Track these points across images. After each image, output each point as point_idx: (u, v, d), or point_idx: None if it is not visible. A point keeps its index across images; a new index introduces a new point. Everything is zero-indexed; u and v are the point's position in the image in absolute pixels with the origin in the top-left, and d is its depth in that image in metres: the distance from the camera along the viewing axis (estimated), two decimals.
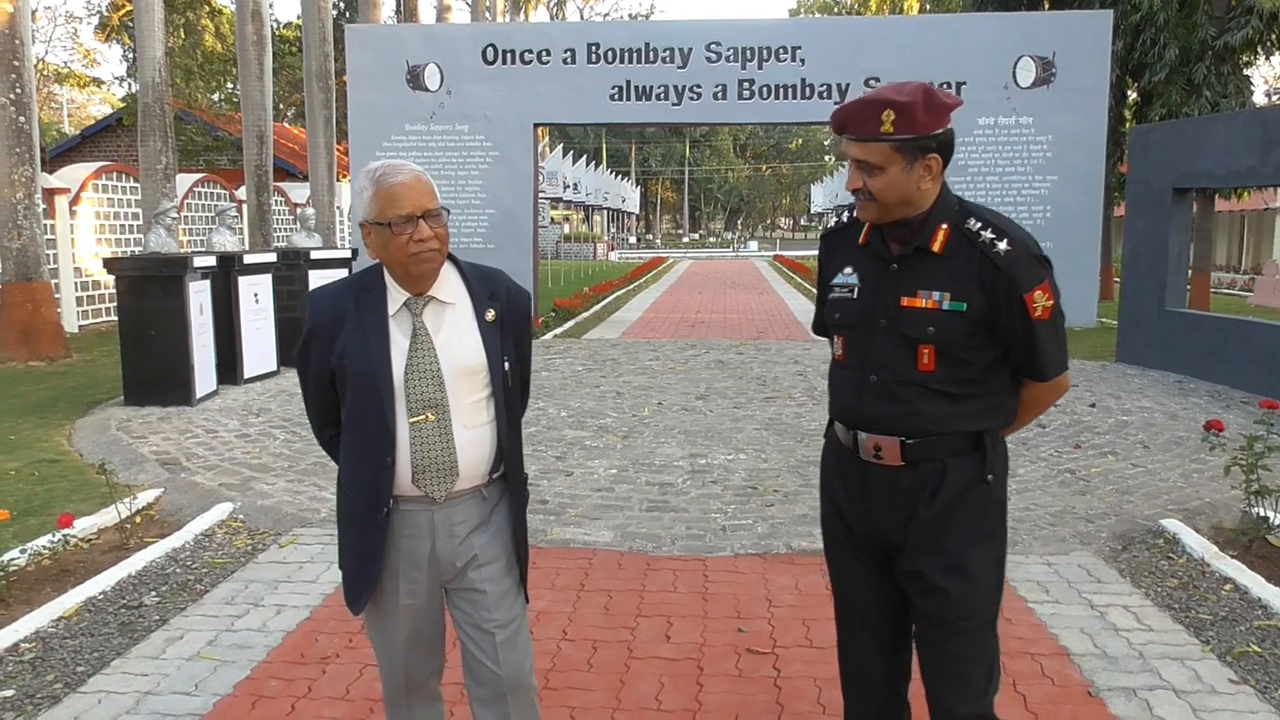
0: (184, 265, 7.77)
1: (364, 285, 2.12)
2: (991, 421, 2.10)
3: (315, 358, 2.13)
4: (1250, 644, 3.54)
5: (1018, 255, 1.99)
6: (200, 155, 25.05)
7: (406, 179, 2.02)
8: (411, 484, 2.08)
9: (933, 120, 1.98)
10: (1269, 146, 8.40)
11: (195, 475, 5.77)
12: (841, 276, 2.21)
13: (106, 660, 3.43)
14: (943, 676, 2.12)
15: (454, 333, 2.10)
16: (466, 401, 2.10)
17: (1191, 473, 5.86)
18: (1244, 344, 8.81)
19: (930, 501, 2.07)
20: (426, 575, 2.14)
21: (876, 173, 2.01)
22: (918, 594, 2.12)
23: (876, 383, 2.10)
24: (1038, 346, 2.04)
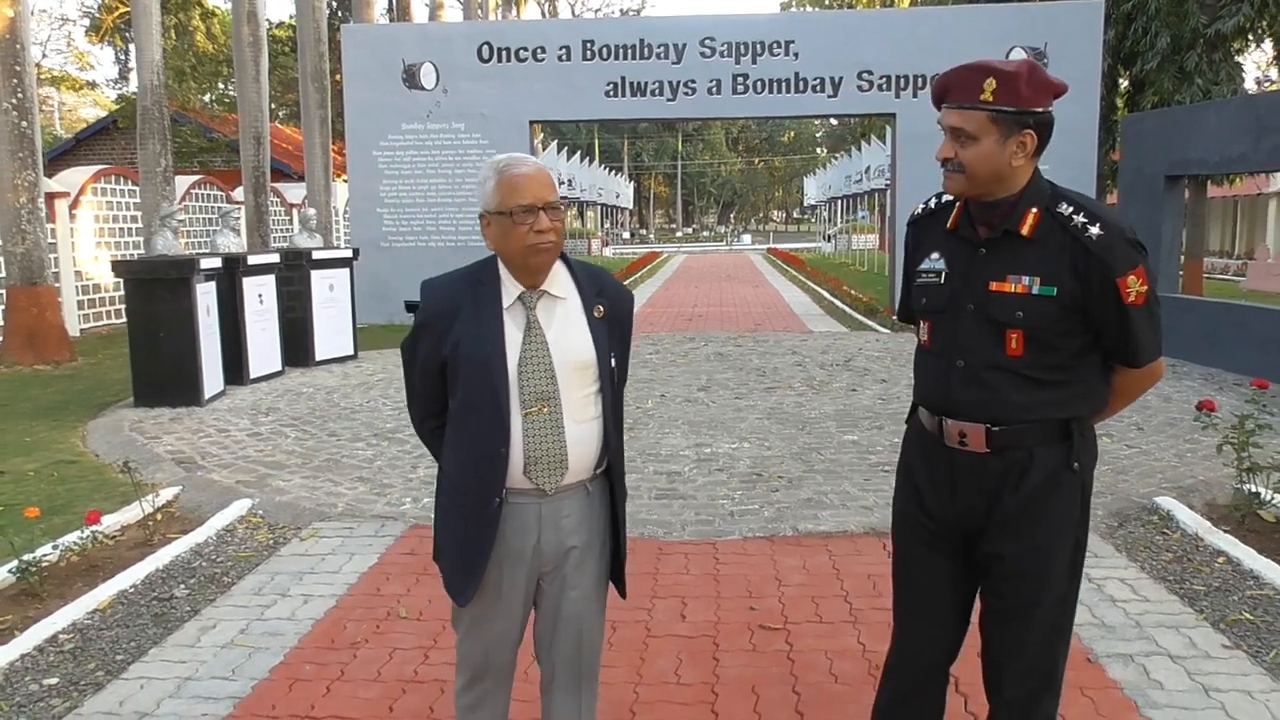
0: (191, 267, 7.88)
1: (479, 278, 2.14)
2: (1080, 409, 2.08)
3: (426, 347, 2.14)
4: (1243, 612, 3.69)
5: (1111, 240, 1.97)
6: (195, 157, 25.09)
7: (530, 170, 2.06)
8: (523, 476, 2.10)
9: (1035, 95, 1.96)
10: (1260, 133, 8.55)
11: (211, 473, 5.89)
12: (929, 262, 2.19)
13: (144, 649, 3.56)
14: (1010, 666, 2.15)
15: (565, 327, 2.13)
16: (577, 396, 2.12)
17: (1185, 452, 6.02)
18: (1236, 327, 8.97)
19: (1016, 489, 2.06)
20: (528, 568, 2.17)
21: (970, 142, 1.99)
22: (995, 576, 2.13)
23: (964, 368, 2.09)
24: (1132, 332, 2.00)
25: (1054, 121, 2.02)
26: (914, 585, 2.27)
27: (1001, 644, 2.16)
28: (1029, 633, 2.12)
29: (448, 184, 14.21)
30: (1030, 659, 2.14)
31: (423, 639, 3.59)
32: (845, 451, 6.25)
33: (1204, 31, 14.54)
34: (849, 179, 30.73)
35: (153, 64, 13.32)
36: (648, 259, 34.31)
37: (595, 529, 2.22)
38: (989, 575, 2.15)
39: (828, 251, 41.67)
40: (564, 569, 2.18)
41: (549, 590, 2.21)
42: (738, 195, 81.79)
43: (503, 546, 2.13)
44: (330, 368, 9.95)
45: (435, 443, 2.26)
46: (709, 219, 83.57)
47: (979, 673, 2.29)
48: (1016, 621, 2.12)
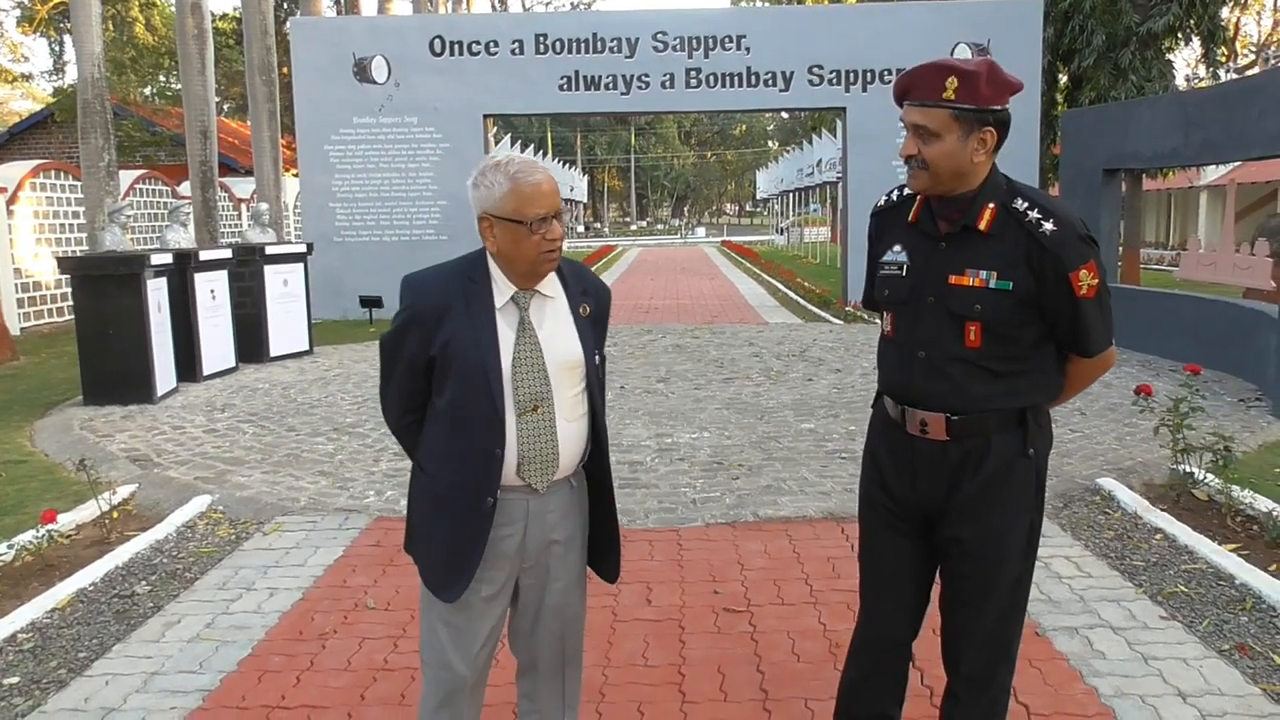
0: (141, 263, 7.77)
1: (468, 275, 2.11)
2: (1036, 398, 2.15)
3: (413, 343, 2.09)
4: (1179, 585, 3.88)
5: (1064, 235, 2.03)
6: (138, 151, 24.53)
7: (544, 179, 2.04)
8: (516, 475, 2.10)
9: (994, 94, 2.02)
10: (1189, 128, 8.86)
11: (168, 470, 5.84)
12: (891, 254, 2.24)
13: (107, 646, 3.55)
14: (967, 643, 2.23)
15: (556, 327, 2.14)
16: (568, 395, 2.13)
17: (1125, 435, 6.25)
18: (1171, 316, 9.29)
19: (974, 475, 2.13)
20: (512, 564, 2.16)
21: (933, 140, 2.04)
22: (954, 558, 2.21)
23: (925, 359, 2.15)
24: (1084, 323, 2.08)
25: (1011, 119, 2.08)
26: (879, 567, 2.34)
27: (960, 622, 2.24)
28: (986, 612, 2.20)
29: (401, 178, 14.12)
30: (987, 636, 2.22)
31: (391, 628, 3.62)
32: (803, 439, 6.38)
33: (1137, 30, 14.97)
34: (801, 172, 31.03)
35: (93, 56, 13.05)
36: (603, 253, 34.32)
37: (577, 521, 2.24)
38: (948, 558, 2.23)
39: (781, 244, 42.05)
40: (546, 561, 2.19)
41: (529, 583, 2.21)
42: (691, 189, 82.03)
43: (490, 544, 2.12)
44: (286, 363, 9.87)
45: (412, 438, 2.22)
46: (663, 212, 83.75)
47: (934, 647, 2.41)
48: (974, 601, 2.20)
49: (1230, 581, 3.89)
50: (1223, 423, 6.39)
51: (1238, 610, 3.64)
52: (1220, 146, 8.67)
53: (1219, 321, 8.63)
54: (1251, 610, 3.63)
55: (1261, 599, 3.70)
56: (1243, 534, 4.46)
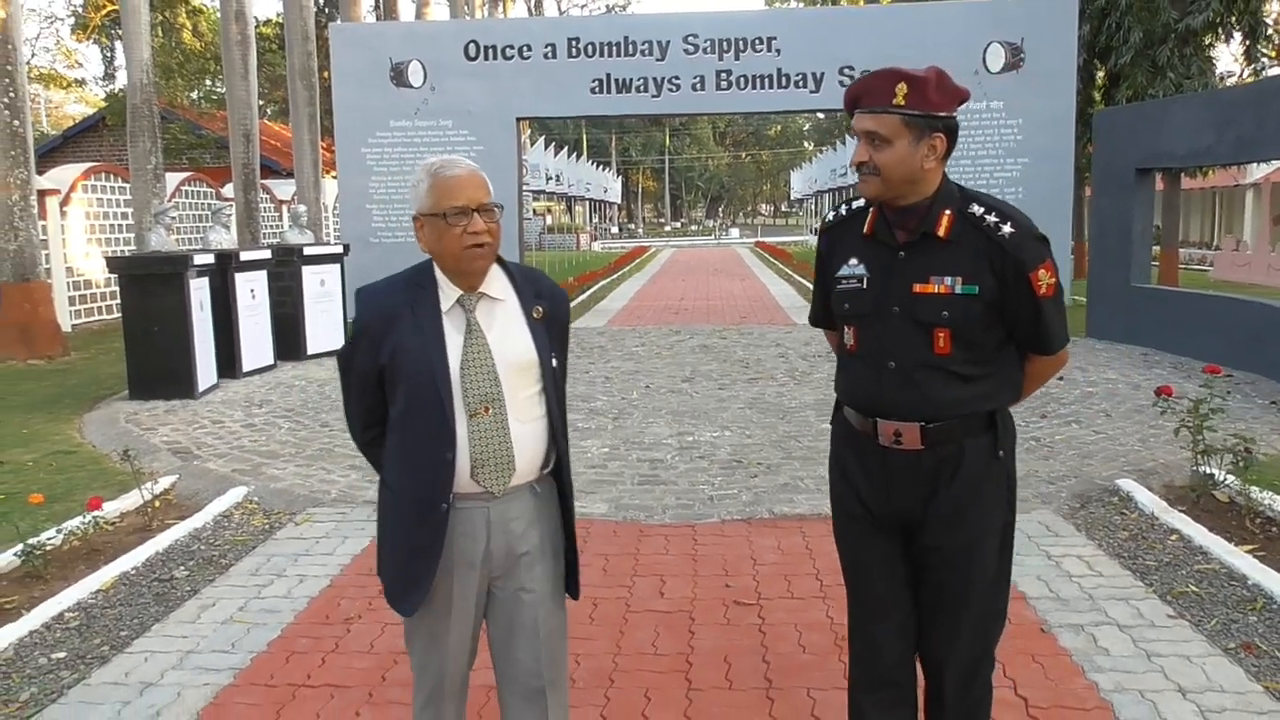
0: (185, 263, 8.04)
1: (416, 282, 2.12)
2: (1003, 399, 2.19)
3: (363, 356, 2.11)
4: (1189, 585, 3.91)
5: (1022, 237, 2.06)
6: (184, 154, 25.13)
7: (462, 172, 2.05)
8: (470, 479, 2.08)
9: (943, 100, 2.05)
10: (1224, 126, 8.79)
11: (207, 462, 6.06)
12: (847, 268, 2.23)
13: (147, 626, 3.74)
14: (948, 647, 2.23)
15: (506, 329, 2.12)
16: (521, 396, 2.12)
17: (1149, 437, 6.24)
18: (1204, 316, 9.21)
19: (950, 481, 2.15)
20: (478, 573, 2.14)
21: (884, 146, 2.06)
22: (933, 566, 2.21)
23: (895, 369, 2.14)
24: (1044, 322, 2.11)
25: (959, 127, 2.10)
26: (867, 579, 2.31)
27: (940, 627, 2.24)
28: (966, 615, 2.21)
29: None
30: (968, 638, 2.24)
31: None
32: (823, 439, 6.44)
33: (1175, 27, 14.79)
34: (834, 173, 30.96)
35: (142, 62, 13.43)
36: (635, 253, 34.48)
37: (546, 530, 2.20)
38: (927, 567, 2.23)
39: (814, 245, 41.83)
40: (516, 573, 2.15)
41: (501, 596, 2.17)
42: (725, 189, 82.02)
43: (452, 553, 2.10)
44: (322, 361, 10.11)
45: (376, 453, 2.22)
46: (697, 213, 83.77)
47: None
48: (955, 607, 2.21)
49: (1243, 582, 3.91)
50: (1252, 424, 6.36)
51: (1247, 610, 3.67)
52: (1255, 145, 8.59)
53: (1253, 323, 8.55)
54: (1262, 610, 3.66)
55: (1272, 599, 3.72)
56: (1261, 535, 4.47)
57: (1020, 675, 3.21)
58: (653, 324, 13.52)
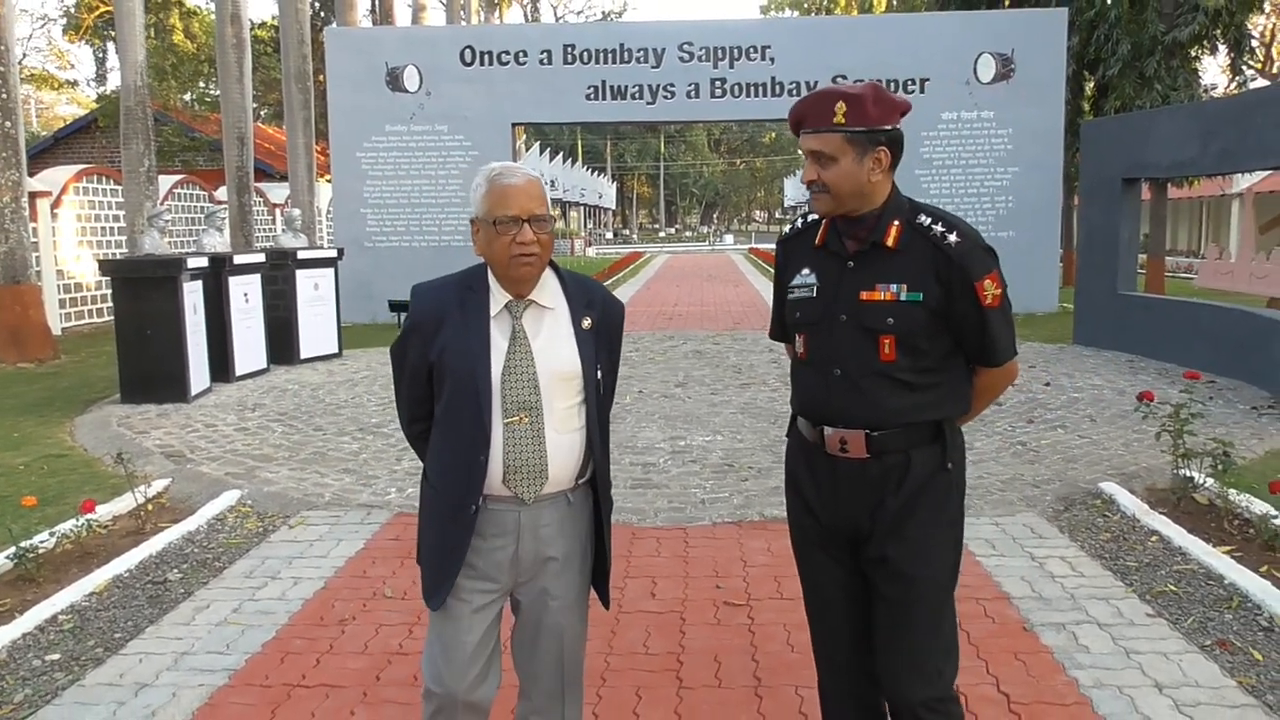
0: (179, 266, 8.07)
1: (468, 284, 2.16)
2: (950, 410, 2.20)
3: (414, 351, 2.16)
4: (1168, 585, 3.99)
5: (968, 247, 2.10)
6: (177, 156, 25.14)
7: (519, 181, 2.07)
8: (502, 484, 2.11)
9: (882, 114, 2.09)
10: (1208, 138, 8.90)
11: (200, 466, 6.09)
12: (800, 277, 2.28)
13: (141, 628, 3.77)
14: (899, 661, 2.20)
15: (552, 338, 2.14)
16: (560, 406, 2.13)
17: (1132, 441, 6.33)
18: (1189, 324, 9.32)
19: (896, 491, 2.16)
20: (505, 577, 2.17)
21: (830, 163, 2.11)
22: (882, 579, 2.20)
23: (841, 376, 2.17)
24: (989, 333, 2.14)
25: (904, 138, 2.15)
26: (821, 592, 2.33)
27: (891, 638, 2.22)
28: (914, 627, 2.19)
29: (431, 185, 14.41)
30: (919, 650, 2.20)
31: (407, 616, 3.82)
32: None
33: (1162, 39, 14.96)
34: None
35: (136, 64, 13.45)
36: (630, 259, 34.56)
37: (576, 539, 2.22)
38: (876, 579, 2.22)
39: None
40: (543, 579, 2.18)
41: (527, 601, 2.21)
42: (720, 196, 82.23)
43: (479, 554, 2.13)
44: (315, 365, 10.14)
45: (422, 446, 2.27)
46: (692, 219, 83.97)
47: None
48: (901, 617, 2.19)
49: (1220, 581, 3.99)
50: (1233, 429, 6.46)
51: (1224, 609, 3.74)
52: (1238, 156, 8.70)
53: (1235, 330, 8.65)
54: (1237, 609, 3.74)
55: (1248, 598, 3.80)
56: (1239, 537, 4.55)
57: (1002, 672, 3.27)
58: (646, 329, 13.58)
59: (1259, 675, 3.23)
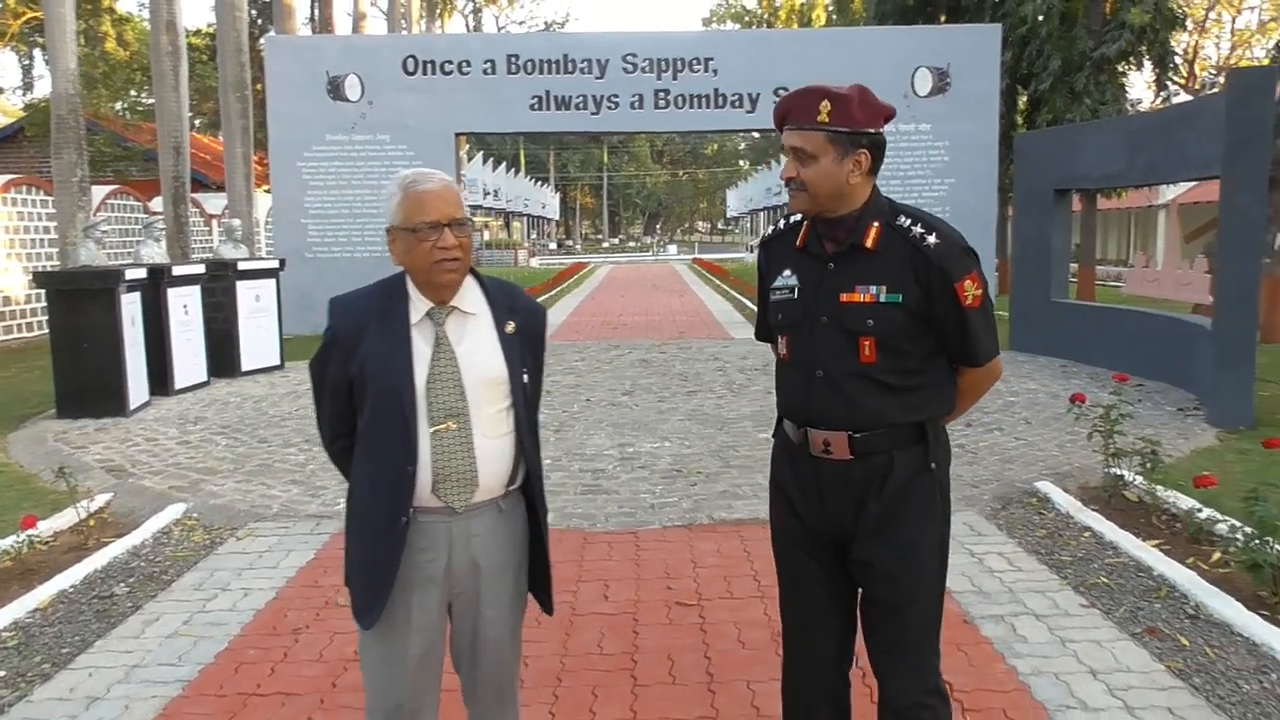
0: (116, 278, 7.92)
1: (388, 293, 2.13)
2: (933, 410, 2.20)
3: (335, 365, 2.12)
4: (1100, 577, 4.16)
5: (947, 248, 2.10)
6: (109, 166, 24.53)
7: (435, 186, 2.05)
8: (431, 494, 2.08)
9: (866, 117, 2.09)
10: (1134, 151, 9.26)
11: (143, 480, 5.99)
12: (781, 279, 2.28)
13: (89, 642, 3.72)
14: (893, 659, 2.23)
15: (476, 343, 2.13)
16: (488, 412, 2.11)
17: (1065, 442, 6.56)
18: (1118, 329, 9.67)
19: (879, 492, 2.16)
20: (440, 590, 2.13)
21: (810, 161, 2.10)
22: (870, 581, 2.21)
23: (823, 378, 2.18)
24: (970, 333, 2.14)
25: (886, 143, 2.16)
26: (801, 594, 2.33)
27: (882, 640, 2.25)
28: (906, 628, 2.22)
29: (373, 195, 14.29)
30: (910, 650, 2.24)
31: None
32: (760, 448, 6.64)
33: (1091, 55, 15.52)
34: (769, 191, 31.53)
35: (67, 71, 13.16)
36: (574, 269, 34.57)
37: (510, 547, 2.20)
38: (863, 581, 2.25)
39: (751, 261, 42.51)
40: (478, 589, 2.16)
41: (461, 611, 2.18)
42: (663, 206, 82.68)
43: (411, 569, 2.09)
44: (257, 378, 10.00)
45: (345, 463, 2.22)
46: (635, 230, 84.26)
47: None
48: (892, 620, 2.21)
49: (1149, 573, 4.17)
50: (1160, 430, 6.72)
51: (1153, 598, 3.92)
52: (1161, 168, 9.07)
53: (1162, 335, 9.00)
54: (1165, 598, 3.92)
55: (1175, 588, 3.99)
56: (1166, 531, 4.76)
57: (945, 663, 3.33)
58: (592, 339, 13.63)
59: (1185, 659, 3.39)
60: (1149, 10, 14.72)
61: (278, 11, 19.56)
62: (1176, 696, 3.15)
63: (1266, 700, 3.10)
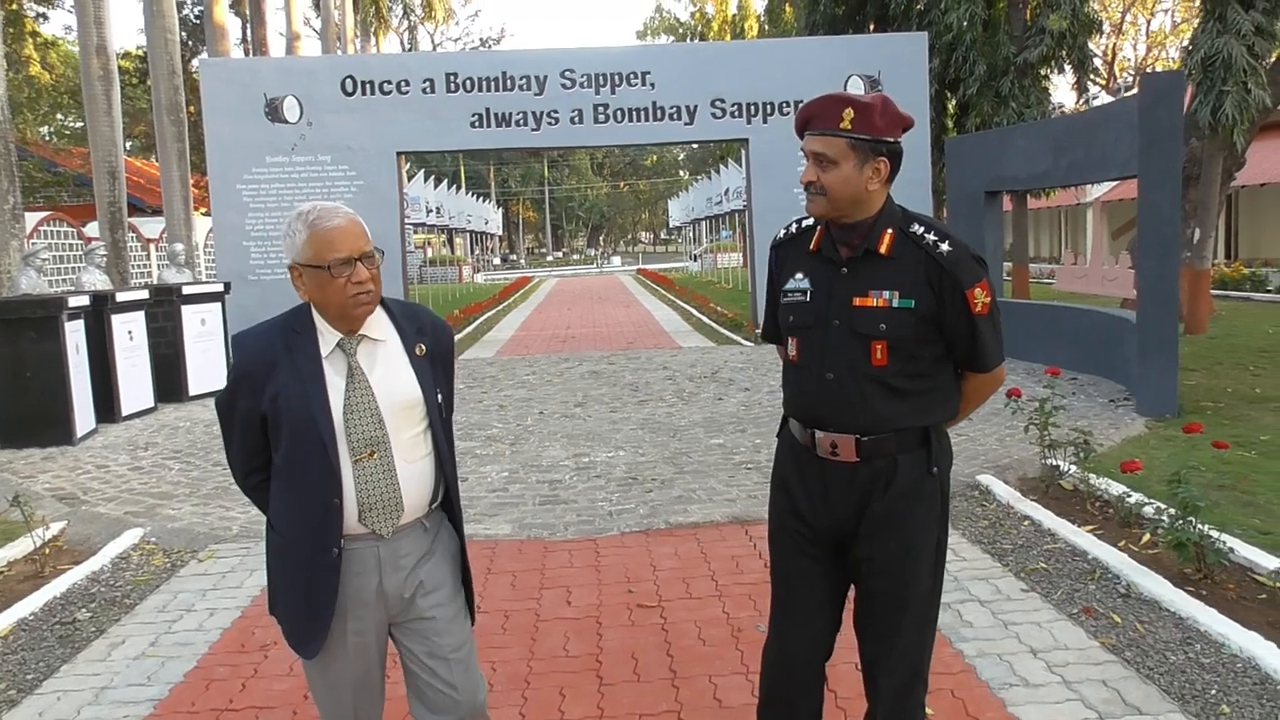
0: (59, 306, 7.83)
1: (293, 327, 2.12)
2: (938, 415, 2.25)
3: (245, 400, 2.10)
4: (1040, 563, 4.39)
5: (959, 256, 2.16)
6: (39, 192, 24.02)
7: (343, 222, 2.05)
8: (359, 523, 2.10)
9: (887, 126, 2.14)
10: (1058, 153, 9.65)
11: (97, 507, 5.95)
12: (794, 282, 2.31)
13: (55, 667, 3.73)
14: (886, 654, 2.29)
15: (388, 369, 2.13)
16: (406, 436, 2.13)
17: (1005, 437, 6.84)
18: (1052, 325, 10.04)
19: (883, 494, 2.21)
20: (374, 612, 2.15)
21: (831, 167, 2.15)
22: (869, 573, 2.27)
23: (833, 380, 2.22)
24: (979, 340, 2.20)
25: (903, 152, 2.22)
26: (793, 591, 2.38)
27: (875, 640, 2.31)
28: (899, 628, 2.28)
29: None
30: (902, 651, 2.30)
31: None
32: (712, 454, 6.80)
33: (1014, 60, 16.07)
34: (710, 200, 31.86)
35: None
36: (519, 284, 34.57)
37: (443, 562, 2.22)
38: (861, 578, 2.30)
39: (695, 271, 42.90)
40: (416, 606, 2.17)
41: (409, 634, 2.19)
42: (606, 218, 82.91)
43: (343, 594, 2.10)
44: (205, 402, 9.91)
45: (261, 497, 2.22)
46: (579, 242, 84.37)
47: (848, 668, 2.58)
48: (888, 619, 2.28)
49: (1084, 557, 4.41)
50: (1094, 421, 7.04)
51: (1088, 580, 4.15)
52: (1084, 168, 9.45)
53: (1093, 330, 9.37)
54: (1099, 580, 4.15)
55: (1109, 570, 4.22)
56: (1100, 517, 5.01)
57: None
58: (542, 352, 13.72)
59: (1118, 635, 3.61)
60: (1066, 16, 15.28)
61: (210, 33, 19.36)
62: (1109, 669, 3.36)
63: (1191, 669, 3.33)
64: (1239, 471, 5.62)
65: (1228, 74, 11.24)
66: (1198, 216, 12.81)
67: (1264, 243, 22.80)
